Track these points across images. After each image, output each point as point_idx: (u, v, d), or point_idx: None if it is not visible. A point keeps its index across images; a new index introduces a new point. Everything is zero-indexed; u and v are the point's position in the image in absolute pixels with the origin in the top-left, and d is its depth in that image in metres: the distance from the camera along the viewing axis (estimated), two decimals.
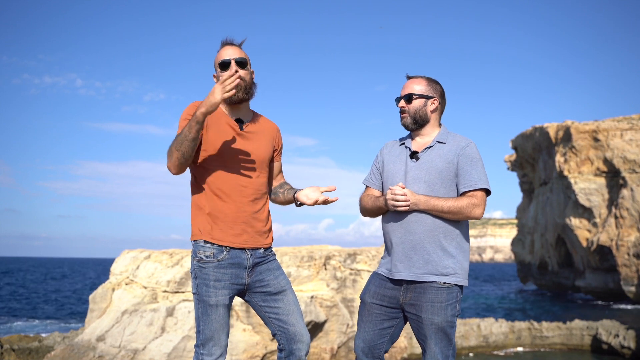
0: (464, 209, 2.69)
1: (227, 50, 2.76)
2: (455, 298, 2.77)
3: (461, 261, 2.77)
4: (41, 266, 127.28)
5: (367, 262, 13.38)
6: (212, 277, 2.65)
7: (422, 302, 2.73)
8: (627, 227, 36.35)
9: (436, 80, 2.96)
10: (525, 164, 49.25)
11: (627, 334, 18.65)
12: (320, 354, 12.39)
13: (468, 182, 2.74)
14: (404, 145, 2.93)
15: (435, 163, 2.78)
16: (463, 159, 2.77)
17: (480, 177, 2.75)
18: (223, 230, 2.68)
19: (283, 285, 2.79)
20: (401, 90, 2.93)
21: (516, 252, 53.47)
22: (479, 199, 2.73)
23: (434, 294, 2.72)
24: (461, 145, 2.81)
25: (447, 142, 2.84)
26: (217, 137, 2.70)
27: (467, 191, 2.74)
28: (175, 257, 13.11)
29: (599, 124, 38.79)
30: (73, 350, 11.74)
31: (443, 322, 2.72)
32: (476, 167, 2.77)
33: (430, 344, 2.74)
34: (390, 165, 2.91)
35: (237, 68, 2.70)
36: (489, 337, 19.52)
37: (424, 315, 2.72)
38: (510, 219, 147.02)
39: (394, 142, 3.02)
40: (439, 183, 2.76)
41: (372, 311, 2.86)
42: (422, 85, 2.90)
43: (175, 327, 11.53)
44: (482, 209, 2.73)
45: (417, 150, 2.85)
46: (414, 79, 2.94)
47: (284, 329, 2.74)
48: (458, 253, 2.77)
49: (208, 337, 2.66)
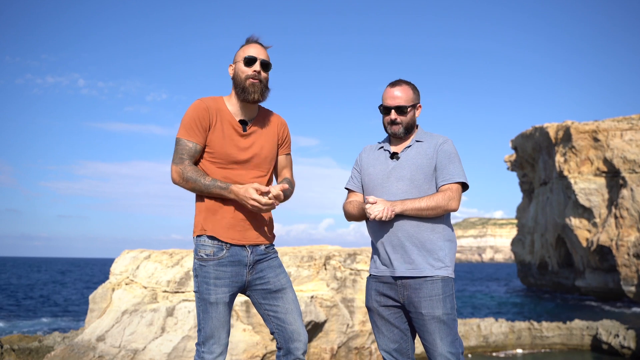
0: (440, 202, 2.75)
1: (254, 48, 2.77)
2: (451, 290, 2.81)
3: (449, 254, 2.83)
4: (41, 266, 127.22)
5: (367, 262, 13.37)
6: (212, 275, 2.66)
7: (420, 297, 2.75)
8: (627, 227, 36.33)
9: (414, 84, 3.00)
10: (525, 164, 49.24)
11: (627, 334, 18.65)
12: (320, 354, 12.39)
13: (446, 175, 2.82)
14: (383, 148, 2.99)
15: (416, 160, 2.85)
16: (441, 154, 2.85)
17: (457, 171, 2.83)
18: (224, 226, 2.69)
19: (283, 283, 2.79)
20: (386, 98, 2.91)
21: (516, 252, 53.47)
22: (454, 191, 2.80)
23: (430, 288, 2.75)
24: (439, 142, 2.89)
25: (424, 141, 2.92)
26: (220, 138, 2.71)
27: (444, 184, 2.81)
28: (176, 257, 13.11)
29: (599, 124, 38.77)
30: (73, 350, 11.74)
31: (443, 314, 2.74)
32: (453, 162, 2.85)
33: (435, 339, 2.74)
34: (370, 167, 2.97)
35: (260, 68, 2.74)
36: (489, 337, 19.51)
37: (424, 311, 2.74)
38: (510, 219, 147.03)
39: (371, 146, 3.08)
40: (422, 179, 2.83)
41: (383, 314, 2.88)
42: (410, 94, 2.92)
43: (175, 327, 11.53)
44: (458, 201, 2.81)
45: (396, 152, 2.92)
46: (400, 87, 2.92)
47: (281, 327, 2.75)
48: (446, 245, 2.83)
49: (208, 335, 2.67)
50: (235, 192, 2.61)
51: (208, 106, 2.72)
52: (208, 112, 2.71)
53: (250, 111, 2.81)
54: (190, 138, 2.68)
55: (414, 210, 2.74)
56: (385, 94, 2.94)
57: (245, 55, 2.75)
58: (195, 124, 2.69)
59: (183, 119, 2.72)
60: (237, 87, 2.76)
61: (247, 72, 2.73)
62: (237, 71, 2.76)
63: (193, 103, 2.75)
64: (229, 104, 2.79)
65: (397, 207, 2.72)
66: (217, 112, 2.73)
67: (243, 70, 2.73)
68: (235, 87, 2.77)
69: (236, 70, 2.77)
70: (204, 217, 2.71)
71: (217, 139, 2.70)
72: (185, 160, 2.67)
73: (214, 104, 2.75)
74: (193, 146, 2.68)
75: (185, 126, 2.70)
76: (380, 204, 2.70)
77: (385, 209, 2.68)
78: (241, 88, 2.74)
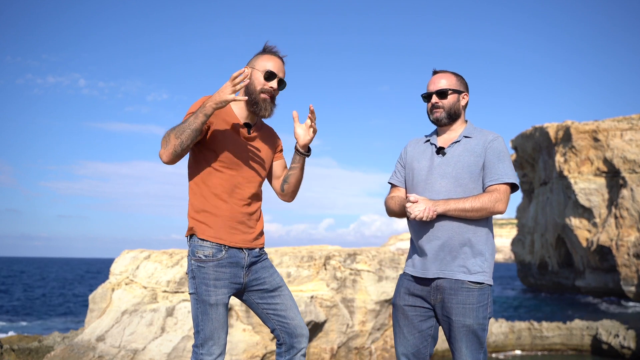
0: (486, 204, 2.61)
1: (276, 63, 2.74)
2: (487, 299, 2.68)
3: (489, 259, 2.69)
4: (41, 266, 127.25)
5: (367, 262, 13.37)
6: (211, 276, 2.65)
7: (453, 304, 2.64)
8: (627, 227, 36.33)
9: (462, 75, 2.91)
10: (525, 164, 49.25)
11: (627, 334, 18.65)
12: (320, 354, 12.39)
13: (494, 175, 2.68)
14: (429, 142, 2.86)
15: (462, 157, 2.72)
16: (490, 152, 2.71)
17: (506, 171, 2.69)
18: (222, 229, 2.69)
19: (278, 282, 2.82)
20: (429, 85, 2.85)
21: (516, 252, 53.47)
22: (501, 193, 2.65)
23: (465, 295, 2.63)
24: (489, 139, 2.75)
25: (473, 137, 2.78)
26: (225, 138, 2.70)
27: (492, 185, 2.67)
28: (175, 257, 13.10)
29: (599, 124, 38.77)
30: (73, 350, 11.73)
31: (475, 324, 2.63)
32: (503, 161, 2.70)
33: (462, 346, 2.65)
34: (415, 162, 2.84)
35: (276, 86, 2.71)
36: (488, 337, 19.53)
37: (455, 318, 2.64)
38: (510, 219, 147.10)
39: (418, 140, 2.95)
40: (467, 177, 2.69)
41: (407, 314, 2.77)
42: (454, 80, 2.84)
43: (175, 327, 11.53)
44: (505, 203, 2.66)
45: (443, 146, 2.78)
46: (443, 74, 2.87)
47: (283, 324, 2.77)
48: (486, 250, 2.69)
49: (208, 337, 2.65)
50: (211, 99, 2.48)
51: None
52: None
53: (254, 116, 2.83)
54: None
55: (457, 211, 2.60)
56: (428, 82, 2.86)
57: (266, 68, 2.71)
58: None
59: (189, 109, 2.71)
60: (249, 95, 2.73)
61: (263, 85, 2.71)
62: (253, 78, 2.72)
63: (201, 98, 2.74)
64: (235, 105, 2.78)
65: (439, 207, 2.59)
66: (222, 110, 2.72)
67: (260, 82, 2.71)
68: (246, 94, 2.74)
69: (252, 76, 2.72)
70: (202, 219, 2.70)
71: (220, 137, 2.70)
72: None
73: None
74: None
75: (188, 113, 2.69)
76: (421, 203, 2.58)
77: (426, 209, 2.56)
78: (253, 99, 2.72)
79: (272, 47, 2.78)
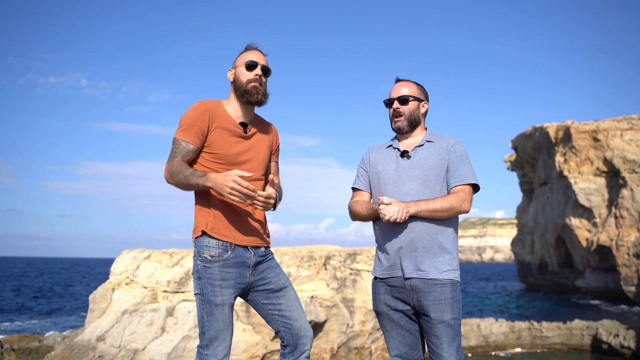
0: (454, 204, 2.74)
1: (255, 54, 2.81)
2: (459, 294, 2.80)
3: (456, 257, 2.83)
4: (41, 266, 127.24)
5: (367, 262, 13.37)
6: (217, 276, 2.65)
7: (430, 301, 2.73)
8: (627, 227, 36.34)
9: (423, 85, 3.04)
10: (525, 164, 49.25)
11: (627, 334, 18.65)
12: (320, 354, 12.39)
13: (459, 177, 2.81)
14: (392, 146, 2.97)
15: (428, 160, 2.84)
16: (453, 155, 2.84)
17: (469, 172, 2.83)
18: (228, 227, 2.70)
19: (284, 282, 2.82)
20: (391, 92, 2.98)
21: (516, 252, 53.47)
22: (466, 193, 2.79)
23: (439, 292, 2.73)
24: (451, 143, 2.89)
25: (436, 141, 2.91)
26: (221, 139, 2.72)
27: (456, 185, 2.80)
28: (175, 257, 13.11)
29: (599, 124, 38.79)
30: (73, 350, 11.74)
31: (451, 319, 2.73)
32: (465, 163, 2.84)
33: (443, 343, 2.72)
34: (379, 166, 2.93)
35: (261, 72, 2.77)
36: (489, 337, 19.52)
37: (433, 315, 2.72)
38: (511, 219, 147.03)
39: (379, 146, 3.06)
40: (434, 179, 2.81)
41: (392, 317, 2.85)
42: (414, 89, 2.97)
43: (175, 327, 11.53)
44: (470, 203, 2.80)
45: (407, 150, 2.90)
46: (405, 82, 3.00)
47: (288, 325, 2.76)
48: (454, 249, 2.82)
49: (213, 337, 2.65)
50: (213, 178, 2.55)
51: (208, 107, 2.73)
52: (208, 113, 2.72)
53: (249, 115, 2.84)
54: (186, 138, 2.69)
55: (429, 212, 2.71)
56: (391, 89, 2.99)
57: (246, 60, 2.78)
58: (192, 125, 2.69)
59: (181, 120, 2.73)
60: (238, 90, 2.78)
61: (248, 76, 2.76)
62: (238, 75, 2.78)
63: (193, 104, 2.76)
64: (229, 107, 2.80)
65: (411, 208, 2.68)
66: (217, 113, 2.74)
67: (244, 75, 2.76)
68: (236, 91, 2.79)
69: (236, 74, 2.79)
70: (208, 218, 2.71)
71: (218, 141, 2.71)
72: (177, 158, 2.67)
73: (214, 106, 2.76)
74: (186, 146, 2.69)
75: (182, 127, 2.71)
76: (395, 205, 2.66)
77: (400, 210, 2.64)
78: (242, 91, 2.76)
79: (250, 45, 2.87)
